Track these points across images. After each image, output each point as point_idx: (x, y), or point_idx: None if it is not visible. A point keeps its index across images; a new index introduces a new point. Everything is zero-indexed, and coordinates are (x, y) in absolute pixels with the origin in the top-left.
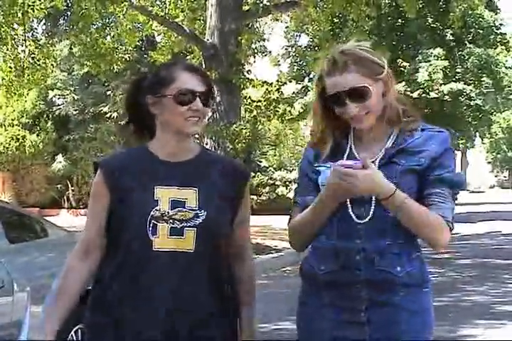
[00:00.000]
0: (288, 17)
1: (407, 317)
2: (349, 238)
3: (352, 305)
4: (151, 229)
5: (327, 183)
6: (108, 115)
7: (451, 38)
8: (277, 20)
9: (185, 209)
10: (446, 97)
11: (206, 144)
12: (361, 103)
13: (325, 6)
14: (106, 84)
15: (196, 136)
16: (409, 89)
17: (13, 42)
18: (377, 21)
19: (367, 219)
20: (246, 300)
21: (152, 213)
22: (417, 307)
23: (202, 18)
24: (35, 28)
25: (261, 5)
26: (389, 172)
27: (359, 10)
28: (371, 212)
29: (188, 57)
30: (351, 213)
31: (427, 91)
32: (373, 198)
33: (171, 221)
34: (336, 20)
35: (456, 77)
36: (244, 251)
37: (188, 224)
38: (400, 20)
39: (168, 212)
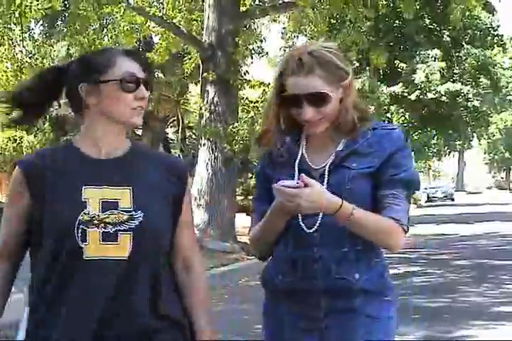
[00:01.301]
0: (285, 18)
1: (365, 322)
2: (305, 247)
3: (311, 313)
4: (80, 235)
5: (273, 203)
6: None
7: (449, 39)
8: (275, 21)
9: (117, 211)
10: (444, 98)
11: (203, 145)
12: (318, 108)
13: (322, 6)
14: None
15: (193, 136)
16: (406, 90)
17: (10, 42)
18: (374, 22)
19: (314, 229)
20: (196, 313)
21: (80, 217)
22: (377, 314)
23: (199, 19)
24: (33, 29)
25: (258, 6)
26: (340, 177)
27: (357, 11)
28: (318, 222)
29: (185, 58)
30: (301, 223)
31: (424, 92)
32: None
33: (102, 225)
34: (333, 21)
35: (454, 78)
36: (191, 258)
37: (122, 227)
38: (397, 22)
39: (98, 215)
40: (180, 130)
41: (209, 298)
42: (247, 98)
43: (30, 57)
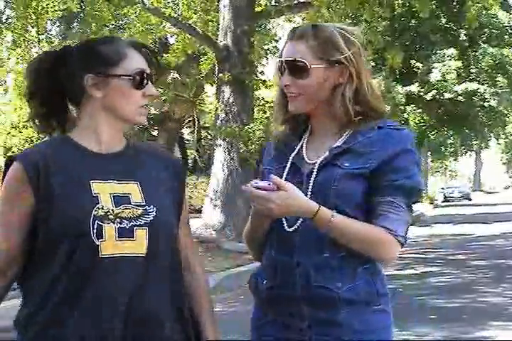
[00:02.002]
0: (300, 18)
1: (351, 337)
2: (285, 251)
3: (294, 322)
4: (95, 231)
5: None
6: None
7: (465, 38)
8: (290, 21)
9: (131, 206)
10: (460, 98)
11: (219, 146)
12: (297, 79)
13: (338, 6)
14: None
15: (209, 137)
16: (422, 89)
17: (26, 44)
18: (390, 22)
19: (294, 228)
20: (200, 314)
21: (94, 212)
22: (364, 327)
23: (215, 19)
24: (50, 30)
25: (273, 6)
26: (328, 176)
27: (372, 10)
28: (299, 221)
29: (201, 59)
30: (284, 222)
31: (441, 92)
32: None
33: (118, 220)
34: (348, 21)
35: (470, 78)
36: (191, 256)
37: (138, 222)
38: (413, 21)
39: (112, 210)
40: (195, 130)
41: (211, 298)
42: (262, 98)
43: None
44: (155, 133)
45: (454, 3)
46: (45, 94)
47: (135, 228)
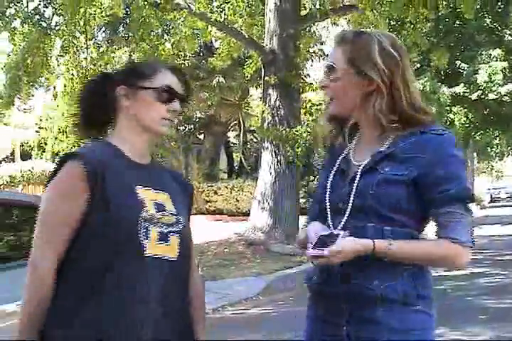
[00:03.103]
0: (345, 20)
1: (389, 335)
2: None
3: (335, 318)
4: (142, 231)
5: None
6: None
7: (510, 38)
8: (335, 23)
9: (167, 213)
10: (506, 98)
11: (266, 149)
12: (330, 81)
13: (382, 8)
14: None
15: (254, 140)
16: (467, 90)
17: (75, 49)
18: (434, 23)
19: (338, 228)
20: (195, 318)
21: (142, 215)
22: (402, 326)
23: (260, 23)
24: (97, 36)
25: (319, 9)
26: (368, 180)
27: (417, 12)
28: (343, 222)
29: (246, 62)
30: (330, 222)
31: (486, 92)
32: (348, 209)
33: (159, 224)
34: (393, 23)
35: None
36: (192, 265)
37: (173, 229)
38: (457, 22)
39: (155, 215)
40: (241, 133)
41: (204, 299)
42: (309, 101)
43: (94, 64)
44: (201, 136)
45: (499, 3)
46: (94, 104)
47: (170, 234)
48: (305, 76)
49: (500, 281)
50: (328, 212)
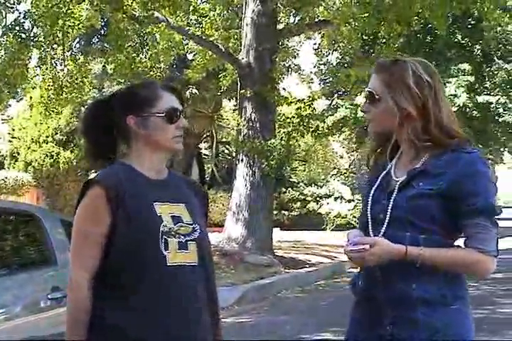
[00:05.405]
0: (318, 35)
1: (429, 334)
2: None
3: (379, 319)
4: (163, 244)
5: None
6: None
7: (480, 53)
8: (309, 38)
9: (184, 224)
10: (475, 113)
11: (241, 161)
12: (369, 106)
13: (357, 24)
14: None
15: (226, 151)
16: None
17: (52, 61)
18: (407, 38)
19: (378, 236)
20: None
21: (161, 229)
22: (442, 325)
23: (236, 36)
24: (76, 47)
25: (295, 24)
26: (404, 195)
27: (390, 28)
28: (382, 231)
29: (220, 75)
30: (370, 231)
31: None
32: (386, 220)
33: (177, 235)
34: (366, 38)
35: (485, 93)
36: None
37: (190, 237)
38: (428, 37)
39: (173, 227)
40: (213, 145)
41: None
42: (284, 114)
43: (71, 76)
44: None
45: (469, 20)
46: (97, 134)
47: (188, 242)
48: (283, 89)
49: (472, 293)
50: (370, 222)
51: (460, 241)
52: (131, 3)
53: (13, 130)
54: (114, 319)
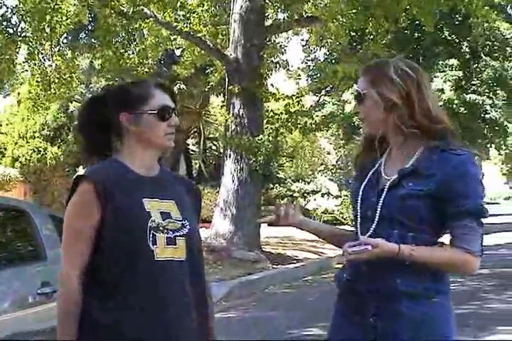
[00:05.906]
0: (306, 31)
1: (412, 327)
2: None
3: (363, 311)
4: (151, 239)
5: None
6: None
7: (467, 50)
8: (297, 34)
9: (173, 220)
10: (462, 109)
11: (229, 157)
12: (358, 105)
13: (344, 20)
14: None
15: (213, 147)
16: None
17: (40, 57)
18: (394, 34)
19: (367, 236)
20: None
21: (150, 224)
22: (424, 317)
23: (224, 32)
24: (64, 42)
25: (283, 20)
26: (394, 194)
27: (378, 24)
28: (372, 228)
29: (207, 71)
30: (358, 229)
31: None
32: (376, 218)
33: (165, 231)
34: (353, 34)
35: (472, 89)
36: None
37: (179, 233)
38: (416, 33)
39: (161, 223)
40: (201, 141)
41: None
42: (271, 110)
43: (58, 72)
44: None
45: (457, 16)
46: (92, 131)
47: (177, 238)
48: (271, 85)
49: (456, 289)
50: (359, 219)
51: (444, 238)
52: None
53: (0, 125)
54: (103, 314)
